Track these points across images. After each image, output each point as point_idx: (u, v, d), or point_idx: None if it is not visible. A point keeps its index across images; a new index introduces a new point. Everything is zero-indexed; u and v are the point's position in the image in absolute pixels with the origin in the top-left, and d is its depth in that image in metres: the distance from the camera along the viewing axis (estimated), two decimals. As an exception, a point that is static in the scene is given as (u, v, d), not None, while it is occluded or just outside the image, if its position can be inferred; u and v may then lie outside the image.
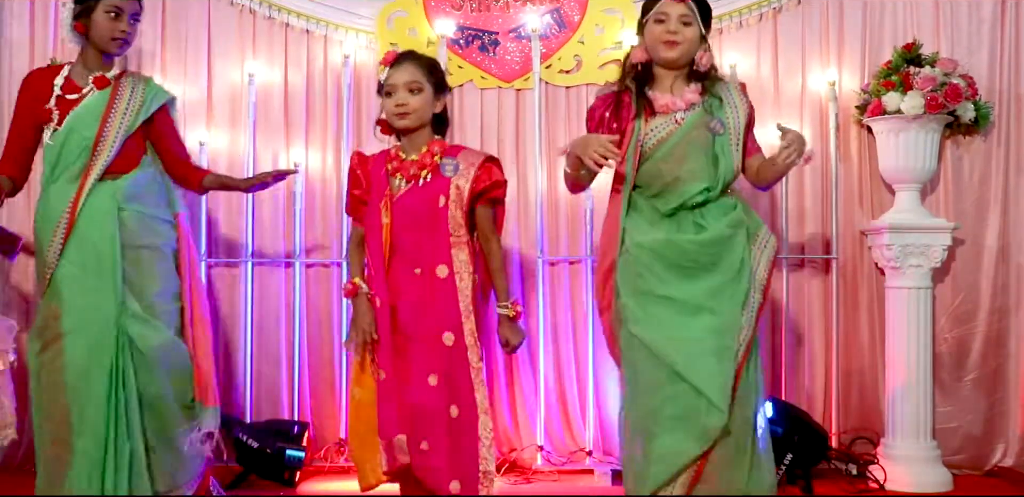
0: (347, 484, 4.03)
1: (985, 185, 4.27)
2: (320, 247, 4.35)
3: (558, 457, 4.22)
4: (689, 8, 2.90)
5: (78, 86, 3.20)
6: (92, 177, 3.10)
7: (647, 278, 2.83)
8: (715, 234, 2.83)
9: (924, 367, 4.01)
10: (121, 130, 3.16)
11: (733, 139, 2.95)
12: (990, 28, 4.27)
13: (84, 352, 3.02)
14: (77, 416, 3.01)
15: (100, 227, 3.06)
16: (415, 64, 2.99)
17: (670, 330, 2.77)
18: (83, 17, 3.18)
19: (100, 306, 3.04)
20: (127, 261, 3.09)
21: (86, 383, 3.01)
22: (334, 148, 4.34)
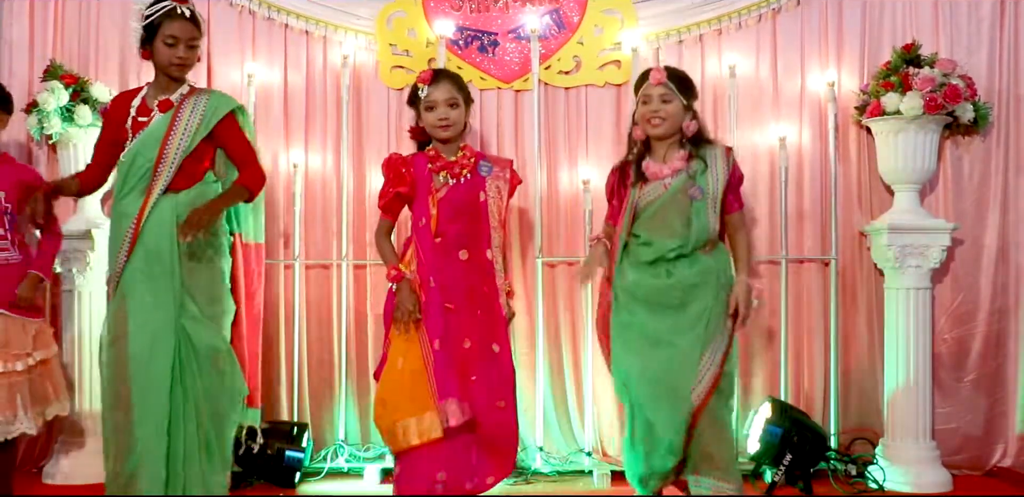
0: (347, 485, 4.04)
1: (984, 186, 4.27)
2: (320, 248, 4.34)
3: (557, 458, 4.22)
4: (668, 87, 3.35)
5: (148, 109, 3.41)
6: (155, 193, 3.32)
7: (625, 312, 3.37)
8: (681, 278, 3.32)
9: (923, 368, 4.01)
10: (180, 151, 3.34)
11: (710, 203, 3.36)
12: (989, 28, 4.27)
13: (146, 347, 3.24)
14: (139, 406, 3.22)
15: (161, 237, 3.30)
16: (451, 82, 3.45)
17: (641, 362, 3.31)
18: (146, 45, 3.39)
19: (161, 307, 3.27)
20: (184, 268, 3.32)
21: (148, 375, 3.23)
22: (333, 149, 4.34)
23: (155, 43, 3.34)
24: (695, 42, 4.35)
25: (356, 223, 4.32)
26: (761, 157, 4.31)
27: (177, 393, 3.26)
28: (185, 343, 3.28)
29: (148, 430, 3.21)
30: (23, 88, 4.29)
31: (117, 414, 3.25)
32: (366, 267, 4.31)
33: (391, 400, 3.33)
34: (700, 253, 3.35)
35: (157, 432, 3.21)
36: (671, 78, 3.36)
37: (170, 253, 3.29)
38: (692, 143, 3.39)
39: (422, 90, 3.42)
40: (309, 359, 4.31)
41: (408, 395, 3.30)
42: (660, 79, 3.36)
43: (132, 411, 3.22)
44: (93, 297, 4.15)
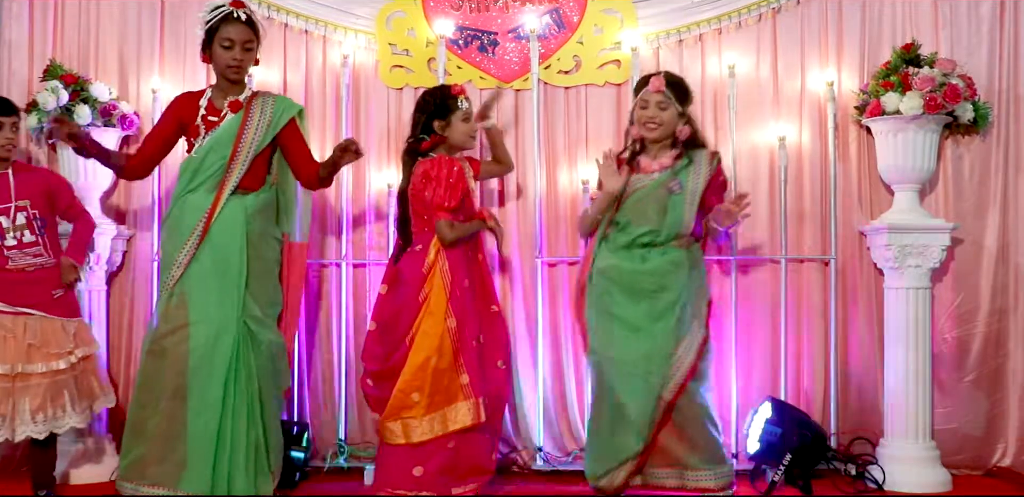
0: (347, 485, 4.04)
1: (984, 185, 4.27)
2: (319, 248, 4.34)
3: (557, 458, 4.22)
4: (665, 95, 3.56)
5: (218, 109, 3.58)
6: (227, 190, 3.49)
7: (606, 298, 3.56)
8: (654, 265, 3.53)
9: (923, 367, 4.01)
10: (252, 148, 3.53)
11: (688, 198, 3.57)
12: (989, 28, 4.26)
13: (207, 340, 3.38)
14: (196, 397, 3.37)
15: (231, 236, 3.47)
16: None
17: (614, 349, 3.50)
18: (206, 49, 3.58)
19: (224, 304, 3.43)
20: (251, 270, 3.50)
21: (208, 368, 3.37)
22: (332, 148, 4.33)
23: (213, 47, 3.53)
24: (695, 41, 4.35)
25: (355, 223, 4.32)
26: (761, 157, 4.30)
27: (231, 390, 3.40)
28: (246, 341, 3.43)
29: (201, 422, 3.35)
30: (23, 88, 4.31)
31: (169, 404, 3.38)
32: (365, 267, 4.31)
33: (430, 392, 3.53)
34: (674, 245, 3.58)
35: (209, 426, 3.35)
36: (669, 86, 3.57)
37: (240, 253, 3.46)
38: (684, 145, 3.62)
39: (462, 103, 3.68)
40: (309, 359, 4.31)
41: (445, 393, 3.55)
42: (659, 87, 3.57)
43: (188, 401, 3.36)
44: (94, 296, 4.16)
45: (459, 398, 3.54)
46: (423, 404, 3.52)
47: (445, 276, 3.58)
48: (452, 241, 3.59)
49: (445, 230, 3.58)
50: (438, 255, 3.59)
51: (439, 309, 3.56)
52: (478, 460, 3.64)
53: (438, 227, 3.58)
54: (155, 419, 3.40)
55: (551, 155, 4.33)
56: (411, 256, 3.65)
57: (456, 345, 3.55)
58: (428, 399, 3.52)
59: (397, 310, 3.62)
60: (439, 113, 3.66)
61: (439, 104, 3.67)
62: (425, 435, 3.52)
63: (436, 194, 3.57)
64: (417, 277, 3.59)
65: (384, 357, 3.64)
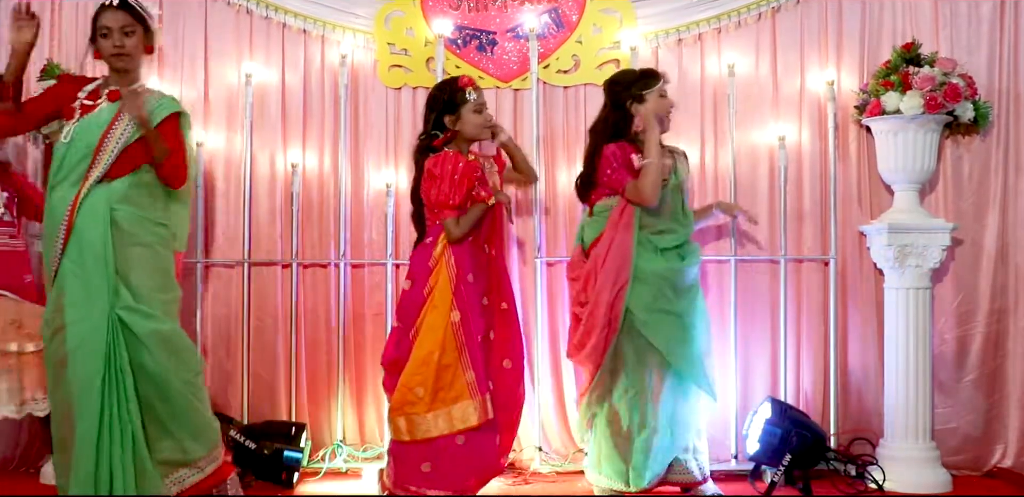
0: (345, 485, 4.03)
1: (984, 185, 4.26)
2: (317, 248, 4.33)
3: (556, 458, 4.21)
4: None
5: (98, 96, 3.43)
6: (91, 181, 3.30)
7: (659, 298, 3.60)
8: (691, 263, 3.68)
9: (923, 368, 4.00)
10: (122, 139, 3.33)
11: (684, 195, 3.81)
12: (989, 28, 4.25)
13: (81, 341, 3.21)
14: (77, 402, 3.20)
15: (95, 226, 3.26)
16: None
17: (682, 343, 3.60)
18: (92, 44, 3.46)
19: (96, 298, 3.23)
20: (120, 257, 3.28)
21: (83, 371, 3.20)
22: (331, 148, 4.33)
23: (97, 40, 3.42)
24: (694, 41, 4.34)
25: (353, 223, 4.31)
26: (760, 156, 4.30)
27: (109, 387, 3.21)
28: (121, 332, 3.24)
29: (84, 425, 3.18)
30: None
31: (60, 411, 3.24)
32: (363, 267, 4.30)
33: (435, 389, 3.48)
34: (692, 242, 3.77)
35: (90, 425, 3.18)
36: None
37: (103, 241, 3.26)
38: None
39: (470, 93, 3.61)
40: (307, 359, 4.30)
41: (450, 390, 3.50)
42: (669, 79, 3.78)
43: (73, 409, 3.20)
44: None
45: (465, 396, 3.47)
46: (426, 400, 3.47)
47: (451, 270, 3.53)
48: (459, 238, 3.54)
49: (452, 228, 3.53)
50: (445, 249, 3.55)
51: (444, 303, 3.51)
52: (487, 459, 3.59)
53: (445, 227, 3.54)
54: (58, 428, 3.28)
55: (550, 154, 4.31)
56: (421, 249, 3.62)
57: (460, 340, 3.49)
58: (431, 395, 3.47)
59: (406, 304, 3.60)
60: (448, 108, 3.61)
61: (447, 100, 3.61)
62: (431, 432, 3.48)
63: (440, 192, 3.52)
64: (424, 270, 3.55)
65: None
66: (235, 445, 3.89)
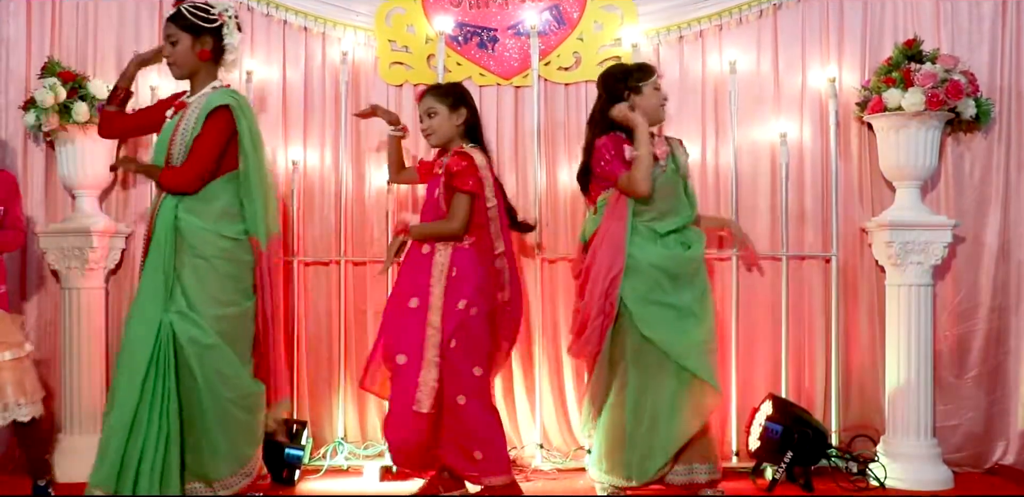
0: (346, 482, 4.03)
1: (986, 182, 4.26)
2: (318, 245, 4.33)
3: (557, 455, 4.21)
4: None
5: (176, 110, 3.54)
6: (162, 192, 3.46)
7: (655, 289, 3.56)
8: (696, 251, 3.64)
9: (924, 365, 4.00)
10: (184, 149, 3.42)
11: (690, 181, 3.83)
12: (991, 24, 4.25)
13: (135, 336, 3.33)
14: (114, 393, 3.32)
15: (162, 231, 3.40)
16: (431, 94, 3.70)
17: (680, 334, 3.54)
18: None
19: (155, 299, 3.36)
20: (179, 263, 3.39)
21: (126, 366, 3.32)
22: (332, 145, 4.33)
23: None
24: (695, 38, 4.33)
25: (355, 221, 4.30)
26: (762, 153, 4.29)
27: (148, 387, 3.26)
28: (170, 337, 3.30)
29: (115, 417, 3.27)
30: (20, 85, 4.29)
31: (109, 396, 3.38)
32: (365, 265, 4.30)
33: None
34: (695, 226, 3.75)
35: (122, 421, 3.25)
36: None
37: (168, 246, 3.37)
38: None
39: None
40: (308, 357, 4.30)
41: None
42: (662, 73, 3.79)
43: (115, 395, 3.31)
44: (92, 294, 4.15)
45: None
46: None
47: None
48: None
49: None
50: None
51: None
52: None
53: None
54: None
55: (551, 152, 4.31)
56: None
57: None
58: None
59: None
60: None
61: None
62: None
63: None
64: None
65: None
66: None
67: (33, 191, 4.31)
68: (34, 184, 4.32)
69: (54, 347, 4.25)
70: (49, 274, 4.28)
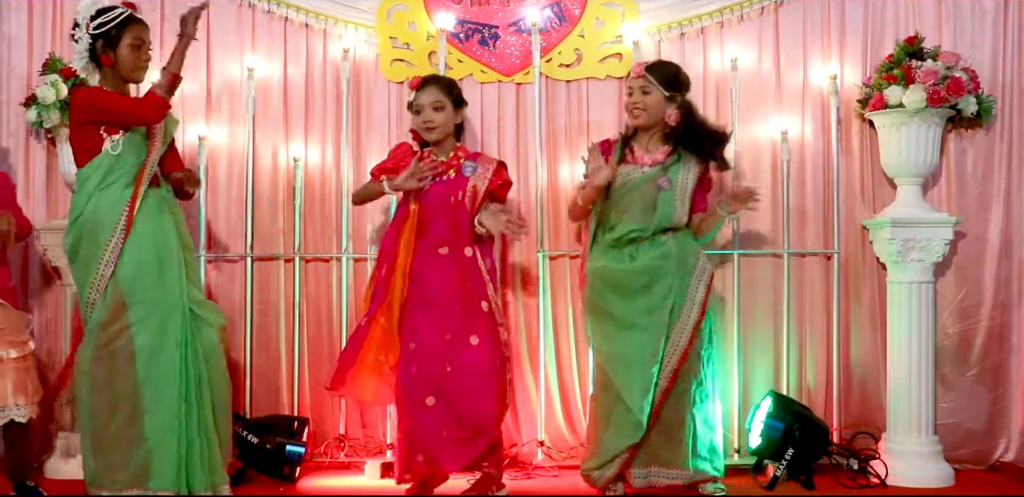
0: (347, 479, 4.03)
1: (987, 179, 4.25)
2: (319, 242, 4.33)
3: (559, 452, 4.21)
4: (647, 79, 3.62)
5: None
6: (143, 184, 3.41)
7: (597, 298, 3.66)
8: (642, 263, 3.60)
9: (926, 362, 4.00)
10: (163, 144, 3.50)
11: (678, 194, 3.64)
12: (993, 21, 4.25)
13: (153, 338, 3.32)
14: (150, 395, 3.31)
15: (159, 227, 3.40)
16: (438, 86, 3.71)
17: (611, 345, 3.62)
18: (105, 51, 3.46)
19: (165, 297, 3.36)
20: (185, 257, 3.47)
21: (157, 365, 3.31)
22: (333, 142, 4.33)
23: (119, 48, 3.45)
24: (697, 35, 4.33)
25: (356, 217, 4.31)
26: (763, 151, 4.29)
27: (186, 384, 3.34)
28: (192, 328, 3.37)
29: (158, 420, 3.29)
30: (22, 82, 4.29)
31: (124, 407, 3.31)
32: (366, 261, 4.30)
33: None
34: (662, 237, 3.63)
35: (167, 421, 3.30)
36: (652, 70, 3.64)
37: (173, 241, 3.41)
38: (676, 135, 3.65)
39: (411, 95, 3.72)
40: (309, 353, 4.30)
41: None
42: (638, 72, 3.65)
43: (143, 401, 3.30)
44: (93, 291, 4.14)
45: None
46: None
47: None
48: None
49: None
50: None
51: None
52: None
53: None
54: (113, 424, 3.32)
55: (552, 149, 4.31)
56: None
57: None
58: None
59: None
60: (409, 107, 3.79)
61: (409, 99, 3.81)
62: None
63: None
64: None
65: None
66: (237, 439, 3.88)
67: (34, 188, 4.32)
68: (35, 181, 4.32)
69: (55, 345, 4.25)
70: (50, 271, 4.28)
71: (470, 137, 4.23)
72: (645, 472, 3.62)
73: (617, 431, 3.55)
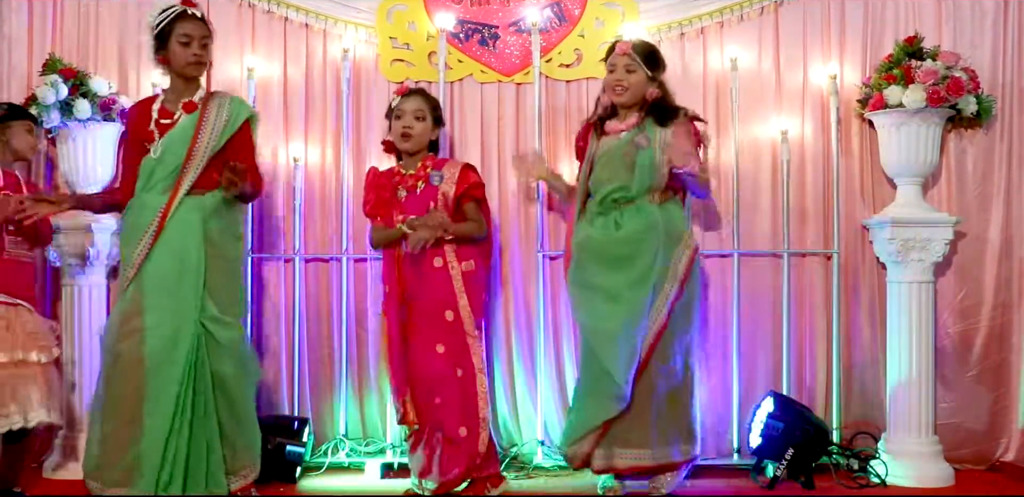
0: (348, 479, 4.03)
1: (987, 179, 4.25)
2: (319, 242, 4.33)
3: (558, 452, 4.20)
4: (631, 58, 3.61)
5: (170, 112, 3.50)
6: (182, 191, 3.41)
7: (580, 270, 3.63)
8: (628, 232, 3.56)
9: (926, 362, 4.00)
10: (208, 149, 3.44)
11: (657, 151, 3.56)
12: (992, 21, 4.24)
13: (162, 346, 3.33)
14: (151, 400, 3.31)
15: (188, 236, 3.38)
16: (422, 97, 3.80)
17: (595, 319, 3.56)
18: (160, 51, 3.51)
19: (180, 307, 3.36)
20: (210, 269, 3.40)
21: (162, 372, 3.32)
22: (333, 142, 4.33)
23: (169, 46, 3.47)
24: (697, 35, 4.33)
25: (356, 218, 4.30)
26: (763, 151, 4.29)
27: (186, 393, 3.33)
28: (204, 342, 3.36)
29: (155, 425, 3.29)
30: (22, 82, 4.29)
31: (125, 405, 3.32)
32: (367, 261, 4.30)
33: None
34: (648, 202, 3.58)
35: (161, 428, 3.29)
36: (636, 50, 3.63)
37: (197, 252, 3.37)
38: (653, 110, 3.64)
39: (394, 101, 3.79)
40: (309, 354, 4.30)
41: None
42: (625, 49, 3.62)
43: (144, 404, 3.30)
44: (93, 292, 4.15)
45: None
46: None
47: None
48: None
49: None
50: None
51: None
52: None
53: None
54: (112, 422, 3.35)
55: (552, 148, 4.31)
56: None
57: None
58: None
59: None
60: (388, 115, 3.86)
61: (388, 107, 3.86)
62: None
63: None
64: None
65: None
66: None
67: (35, 188, 4.32)
68: (36, 182, 4.31)
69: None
70: (51, 272, 4.28)
71: (471, 138, 4.28)
72: (607, 452, 3.57)
73: (597, 404, 3.52)
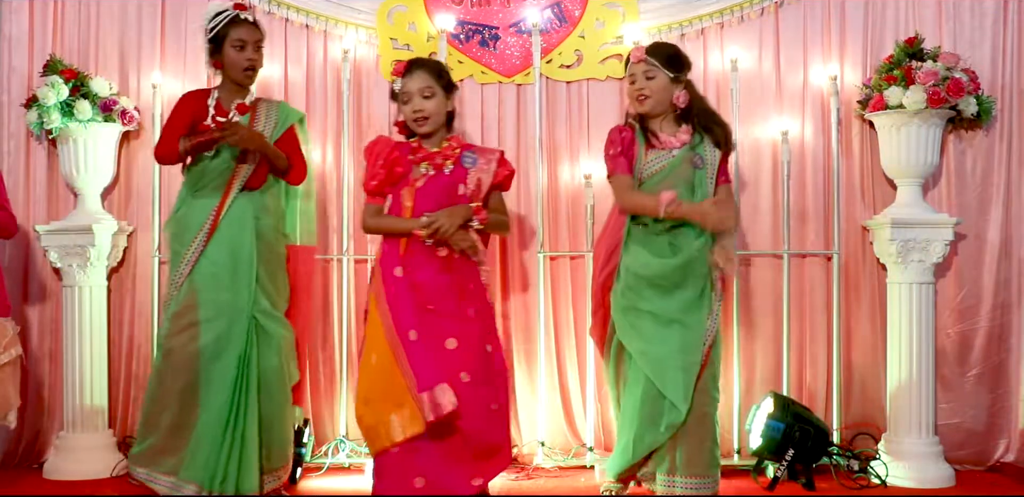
0: (348, 480, 4.03)
1: (987, 180, 4.25)
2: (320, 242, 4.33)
3: (559, 453, 4.21)
4: (649, 64, 3.48)
5: (226, 110, 3.60)
6: (235, 189, 3.53)
7: (631, 296, 3.46)
8: (685, 258, 3.43)
9: (926, 362, 4.00)
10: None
11: (709, 171, 3.51)
12: (992, 22, 4.25)
13: (216, 339, 3.43)
14: (204, 394, 3.42)
15: (241, 232, 3.50)
16: (425, 71, 3.42)
17: (648, 343, 3.42)
18: (215, 55, 3.60)
19: (234, 301, 3.47)
20: (261, 265, 3.53)
21: (216, 366, 3.42)
22: (334, 143, 4.33)
23: (224, 50, 3.56)
24: (697, 36, 4.33)
25: (357, 218, 4.29)
26: (763, 151, 4.29)
27: (240, 386, 3.43)
28: (256, 335, 3.47)
29: (210, 416, 3.40)
30: (23, 83, 4.30)
31: (179, 398, 3.43)
32: (366, 262, 4.30)
33: (365, 404, 3.29)
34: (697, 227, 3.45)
35: (217, 419, 3.40)
36: (652, 53, 3.50)
37: (250, 248, 3.49)
38: (687, 116, 3.53)
39: (396, 83, 3.44)
40: (309, 354, 4.29)
41: (381, 394, 3.24)
42: (639, 57, 3.50)
43: (199, 397, 3.41)
44: (94, 292, 4.15)
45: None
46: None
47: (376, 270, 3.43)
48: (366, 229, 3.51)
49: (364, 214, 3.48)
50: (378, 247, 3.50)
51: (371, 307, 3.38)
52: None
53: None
54: (167, 413, 3.45)
55: (553, 149, 4.31)
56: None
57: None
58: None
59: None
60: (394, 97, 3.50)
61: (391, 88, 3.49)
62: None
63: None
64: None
65: None
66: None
67: (35, 189, 4.33)
68: (36, 182, 4.33)
69: (55, 345, 4.25)
70: (51, 272, 4.28)
71: (471, 138, 4.24)
72: (668, 480, 3.43)
73: (653, 427, 3.38)
